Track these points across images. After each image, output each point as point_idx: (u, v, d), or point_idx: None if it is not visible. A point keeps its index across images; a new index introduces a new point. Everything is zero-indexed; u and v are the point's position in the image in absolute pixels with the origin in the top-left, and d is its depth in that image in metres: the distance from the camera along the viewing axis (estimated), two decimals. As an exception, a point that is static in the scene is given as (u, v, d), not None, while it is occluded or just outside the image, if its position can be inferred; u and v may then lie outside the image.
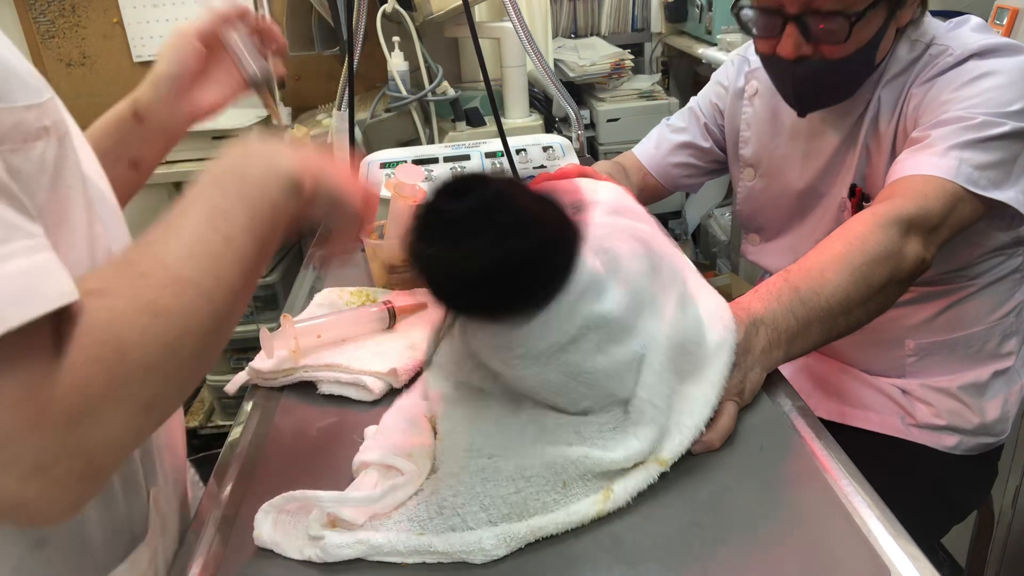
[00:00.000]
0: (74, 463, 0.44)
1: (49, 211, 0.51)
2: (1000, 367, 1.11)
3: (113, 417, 0.45)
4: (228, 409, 2.32)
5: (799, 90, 1.02)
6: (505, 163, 1.31)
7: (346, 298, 1.00)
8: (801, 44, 0.96)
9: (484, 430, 0.66)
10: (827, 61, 0.96)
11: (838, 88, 1.02)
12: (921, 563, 0.57)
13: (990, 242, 1.03)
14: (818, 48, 0.96)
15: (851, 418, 1.14)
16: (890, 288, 0.84)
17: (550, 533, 0.61)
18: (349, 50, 1.36)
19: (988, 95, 0.91)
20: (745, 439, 0.72)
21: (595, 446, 0.65)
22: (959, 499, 1.17)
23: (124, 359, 0.45)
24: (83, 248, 0.56)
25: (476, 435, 0.66)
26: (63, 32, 2.43)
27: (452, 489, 0.63)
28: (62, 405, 0.43)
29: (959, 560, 1.56)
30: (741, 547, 0.60)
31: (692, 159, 1.32)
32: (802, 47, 0.96)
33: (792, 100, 1.05)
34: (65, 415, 0.43)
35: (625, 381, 0.67)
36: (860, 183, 1.06)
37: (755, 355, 0.75)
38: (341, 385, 0.84)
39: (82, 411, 0.44)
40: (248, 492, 0.70)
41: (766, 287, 0.80)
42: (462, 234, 0.54)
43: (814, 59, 0.97)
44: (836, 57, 0.96)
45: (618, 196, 0.81)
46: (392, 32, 1.77)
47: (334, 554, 0.59)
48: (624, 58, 2.59)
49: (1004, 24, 1.44)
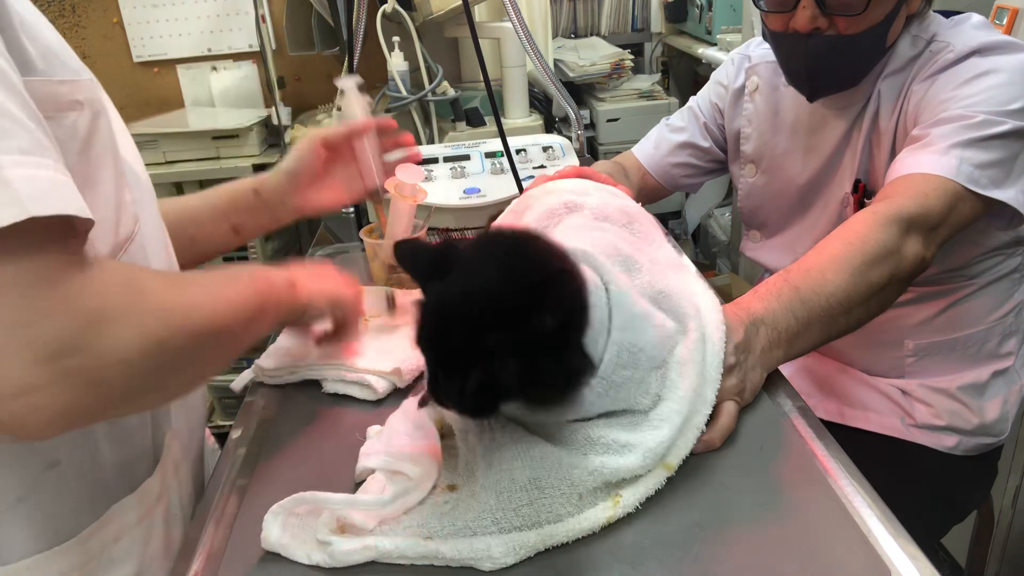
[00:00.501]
0: (84, 362, 0.46)
1: (77, 172, 0.55)
2: (999, 367, 1.11)
3: (127, 333, 0.48)
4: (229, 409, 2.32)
5: (812, 65, 1.01)
6: (505, 163, 1.31)
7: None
8: (817, 16, 0.96)
9: (498, 440, 0.65)
10: (841, 36, 0.97)
11: (849, 67, 1.02)
12: (921, 563, 0.57)
13: (989, 241, 1.03)
14: (833, 21, 0.97)
15: (851, 418, 1.14)
16: (890, 287, 0.84)
17: (561, 541, 0.61)
18: (349, 50, 1.36)
19: (988, 93, 0.91)
20: (745, 439, 0.72)
21: (609, 451, 0.64)
22: (959, 499, 1.17)
23: (143, 295, 0.51)
24: (110, 209, 0.61)
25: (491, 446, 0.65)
26: (63, 32, 2.39)
27: (466, 503, 0.62)
28: (81, 302, 0.46)
29: (959, 560, 1.56)
30: (741, 547, 0.60)
31: (691, 159, 1.32)
32: (818, 19, 0.96)
33: (803, 78, 1.04)
34: (83, 311, 0.46)
35: (649, 387, 0.67)
36: (864, 179, 1.06)
37: (755, 355, 0.75)
38: (345, 384, 0.84)
39: (99, 314, 0.47)
40: (249, 491, 0.70)
41: (766, 287, 0.80)
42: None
43: (828, 33, 0.97)
44: (850, 32, 0.96)
45: (605, 200, 0.81)
46: (392, 32, 1.77)
47: (342, 560, 0.59)
48: (624, 58, 2.59)
49: (1004, 24, 1.44)
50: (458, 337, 0.55)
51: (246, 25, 2.46)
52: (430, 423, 0.71)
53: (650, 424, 0.66)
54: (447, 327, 0.56)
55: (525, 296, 0.54)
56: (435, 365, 0.58)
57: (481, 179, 1.38)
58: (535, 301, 0.55)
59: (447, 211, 1.31)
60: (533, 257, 0.58)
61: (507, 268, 0.56)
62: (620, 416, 0.67)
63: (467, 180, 1.37)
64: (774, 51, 1.08)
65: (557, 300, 0.56)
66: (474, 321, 0.55)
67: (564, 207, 0.80)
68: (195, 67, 2.53)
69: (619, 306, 0.64)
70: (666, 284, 0.72)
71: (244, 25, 2.47)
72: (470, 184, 1.35)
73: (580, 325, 0.60)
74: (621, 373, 0.64)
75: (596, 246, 0.70)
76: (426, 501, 0.64)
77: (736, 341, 0.73)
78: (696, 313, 0.72)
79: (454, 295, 0.56)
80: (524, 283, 0.55)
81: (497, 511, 0.61)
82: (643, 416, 0.67)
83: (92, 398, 0.47)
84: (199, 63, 2.51)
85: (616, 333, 0.63)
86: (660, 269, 0.76)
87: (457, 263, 0.57)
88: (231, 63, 2.53)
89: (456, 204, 1.30)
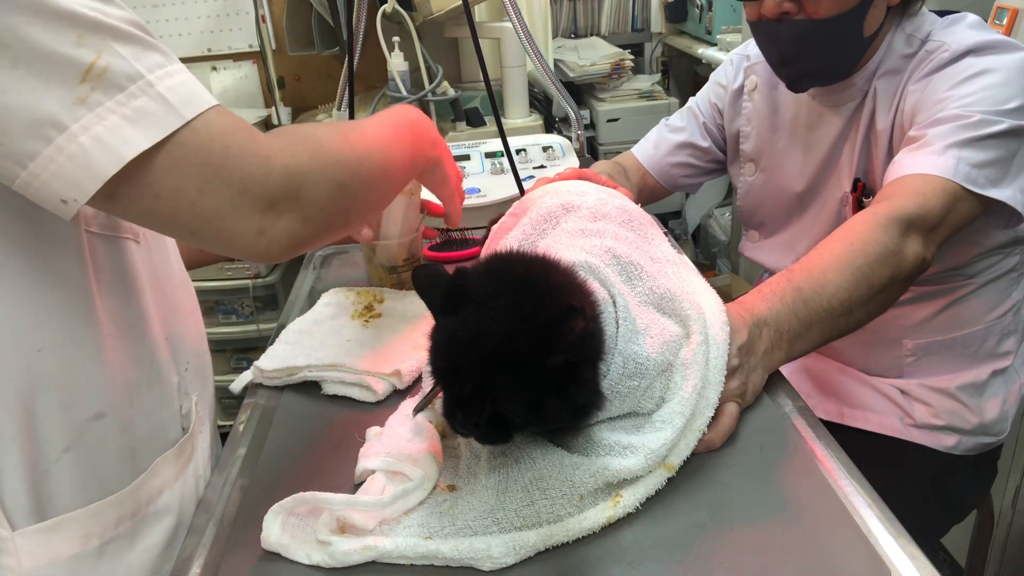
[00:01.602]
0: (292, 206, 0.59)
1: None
2: (999, 367, 1.11)
3: (317, 180, 0.61)
4: (229, 409, 2.32)
5: (785, 51, 1.03)
6: (505, 163, 1.31)
7: (352, 298, 1.00)
8: (782, 1, 0.98)
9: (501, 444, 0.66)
10: (810, 20, 0.98)
11: (824, 53, 1.02)
12: (921, 563, 0.57)
13: (988, 240, 1.03)
14: (802, 6, 0.98)
15: (850, 418, 1.14)
16: (891, 288, 0.84)
17: (560, 541, 0.61)
18: (349, 50, 1.36)
19: (985, 93, 0.91)
20: (745, 440, 0.72)
21: (612, 453, 0.64)
22: (959, 499, 1.17)
23: (322, 150, 0.62)
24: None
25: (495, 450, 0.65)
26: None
27: (466, 503, 0.62)
28: (278, 163, 0.58)
29: (959, 560, 1.56)
30: (741, 547, 0.60)
31: (691, 159, 1.32)
32: (784, 3, 0.98)
33: (779, 65, 1.06)
34: (281, 171, 0.58)
35: (654, 393, 0.67)
36: (862, 178, 1.07)
37: (758, 356, 0.75)
38: (345, 386, 0.84)
39: (293, 169, 0.59)
40: (249, 492, 0.70)
41: (769, 287, 0.80)
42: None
43: (797, 18, 0.99)
44: (819, 16, 0.97)
45: (603, 199, 0.82)
46: (392, 32, 1.77)
47: (342, 560, 0.59)
48: (624, 58, 2.60)
49: (1004, 24, 1.43)
50: (469, 377, 0.57)
51: (246, 25, 2.46)
52: (430, 424, 0.71)
53: (653, 426, 0.66)
54: (458, 367, 0.58)
55: (534, 339, 0.56)
56: (451, 400, 0.60)
57: (481, 179, 1.38)
58: (543, 344, 0.56)
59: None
60: (544, 293, 0.59)
61: (516, 308, 0.58)
62: (624, 419, 0.68)
63: (467, 180, 1.37)
64: (756, 43, 1.09)
65: (566, 340, 0.57)
66: (484, 363, 0.57)
67: (562, 208, 0.80)
68: (195, 67, 2.53)
69: (626, 319, 0.64)
70: (668, 287, 0.72)
71: (244, 25, 2.47)
72: (470, 184, 1.35)
73: (593, 359, 0.61)
74: (628, 383, 0.64)
75: (592, 253, 0.70)
76: (426, 501, 0.64)
77: (740, 342, 0.73)
78: (699, 314, 0.72)
79: (464, 337, 0.58)
80: (533, 324, 0.57)
81: (497, 511, 0.61)
82: (646, 418, 0.67)
83: (305, 228, 0.60)
84: (199, 63, 2.51)
85: (622, 344, 0.64)
86: (660, 268, 0.76)
87: (470, 298, 0.59)
88: (231, 63, 2.53)
89: (456, 204, 1.30)
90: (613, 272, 0.69)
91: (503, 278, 0.60)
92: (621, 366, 0.64)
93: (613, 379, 0.64)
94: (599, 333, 0.62)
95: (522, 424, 0.60)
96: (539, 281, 0.60)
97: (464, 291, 0.60)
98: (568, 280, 0.63)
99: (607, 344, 0.63)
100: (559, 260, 0.65)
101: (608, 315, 0.64)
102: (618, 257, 0.72)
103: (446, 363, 0.60)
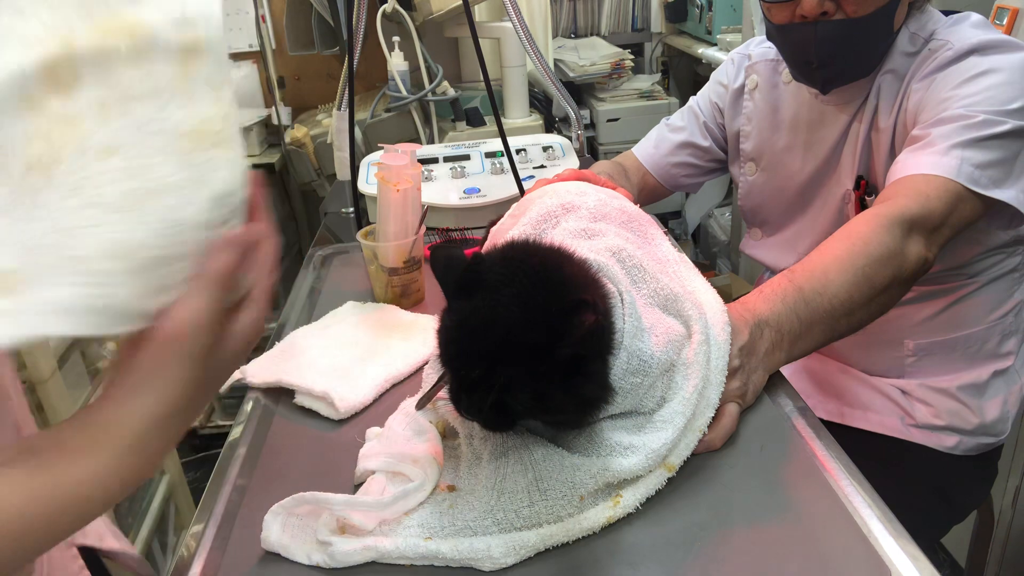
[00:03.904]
0: None
1: None
2: (1000, 367, 1.11)
3: None
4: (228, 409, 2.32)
5: (823, 52, 0.99)
6: (505, 163, 1.31)
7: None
8: (824, 0, 0.95)
9: (502, 443, 0.65)
10: (849, 19, 0.96)
11: (861, 52, 1.00)
12: (921, 563, 0.57)
13: (989, 240, 1.03)
14: (840, 4, 0.96)
15: (851, 418, 1.14)
16: (893, 289, 0.84)
17: (561, 542, 0.61)
18: (349, 50, 1.36)
19: (988, 93, 0.91)
20: (746, 440, 0.72)
21: (613, 453, 0.64)
22: (959, 499, 1.17)
23: None
24: None
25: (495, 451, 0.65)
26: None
27: (466, 503, 0.62)
28: None
29: (959, 560, 1.56)
30: (741, 547, 0.60)
31: (691, 158, 1.32)
32: (825, 2, 0.95)
33: (815, 68, 1.02)
34: None
35: (656, 391, 0.67)
36: (865, 175, 1.06)
37: (759, 357, 0.75)
38: (312, 399, 0.82)
39: None
40: (248, 492, 0.70)
41: (771, 287, 0.80)
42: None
43: (836, 18, 0.96)
44: (859, 14, 0.95)
45: (603, 200, 0.81)
46: (392, 32, 1.77)
47: (342, 560, 0.59)
48: (624, 58, 2.60)
49: (1004, 24, 1.44)
50: (477, 363, 0.57)
51: (246, 25, 2.46)
52: (430, 424, 0.71)
53: (654, 426, 0.66)
54: (466, 353, 0.58)
55: (543, 330, 0.56)
56: (457, 384, 0.60)
57: (481, 179, 1.38)
58: (553, 335, 0.56)
59: (447, 211, 1.31)
60: (557, 285, 0.59)
61: (528, 298, 0.57)
62: (625, 418, 0.68)
63: (467, 180, 1.37)
64: (779, 46, 1.07)
65: (576, 334, 0.57)
66: (493, 350, 0.57)
67: (561, 208, 0.80)
68: (195, 67, 2.53)
69: (632, 315, 0.64)
70: (671, 288, 0.72)
71: (244, 25, 2.46)
72: (470, 184, 1.35)
73: (602, 354, 0.61)
74: (631, 380, 0.64)
75: (597, 253, 0.70)
76: (426, 501, 0.64)
77: (741, 343, 0.73)
78: (700, 314, 0.72)
79: (475, 323, 0.58)
80: (544, 315, 0.56)
81: (497, 511, 0.61)
82: (647, 418, 0.67)
83: None
84: (199, 63, 2.51)
85: (628, 340, 0.64)
86: (662, 269, 0.76)
87: (484, 283, 0.59)
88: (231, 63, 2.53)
89: (456, 204, 1.30)
90: (620, 270, 0.69)
91: (519, 267, 0.60)
92: (625, 362, 0.64)
93: (617, 374, 0.63)
94: (609, 328, 0.62)
95: (526, 413, 0.59)
96: (553, 272, 0.60)
97: (479, 276, 0.59)
98: (582, 273, 0.63)
99: (617, 342, 0.63)
100: (575, 252, 0.65)
101: (616, 311, 0.64)
102: (622, 258, 0.72)
103: (455, 348, 0.60)
